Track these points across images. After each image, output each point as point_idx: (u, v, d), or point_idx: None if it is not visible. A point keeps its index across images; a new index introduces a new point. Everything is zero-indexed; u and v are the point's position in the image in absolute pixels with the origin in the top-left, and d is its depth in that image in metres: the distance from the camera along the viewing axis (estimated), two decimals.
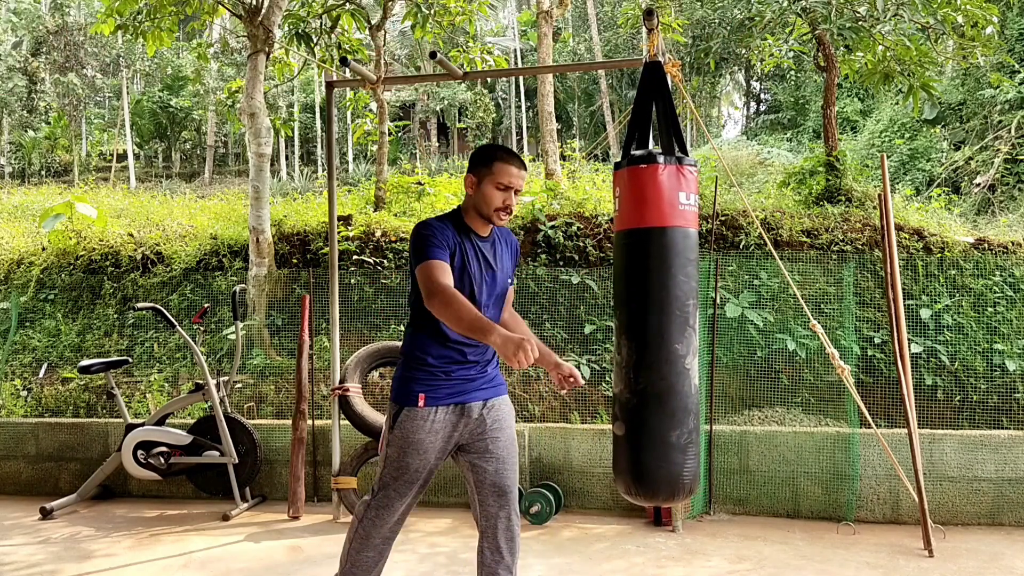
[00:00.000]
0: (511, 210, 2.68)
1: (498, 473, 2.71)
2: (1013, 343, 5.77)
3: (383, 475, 2.73)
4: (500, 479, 2.71)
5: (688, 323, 2.93)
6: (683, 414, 2.92)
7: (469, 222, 2.71)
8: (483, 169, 2.67)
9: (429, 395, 2.64)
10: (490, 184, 2.65)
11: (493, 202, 2.65)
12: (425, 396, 2.64)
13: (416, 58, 27.34)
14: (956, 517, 4.61)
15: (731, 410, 5.54)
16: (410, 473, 2.67)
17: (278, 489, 5.30)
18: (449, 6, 8.34)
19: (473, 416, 2.70)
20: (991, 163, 13.30)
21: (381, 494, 2.73)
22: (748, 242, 6.41)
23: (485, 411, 2.73)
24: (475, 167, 2.70)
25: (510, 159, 2.68)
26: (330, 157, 5.06)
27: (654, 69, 3.13)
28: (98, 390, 6.52)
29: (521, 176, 2.68)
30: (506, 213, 2.67)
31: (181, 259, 7.28)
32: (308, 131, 30.98)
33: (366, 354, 5.09)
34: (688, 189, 2.94)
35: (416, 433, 2.63)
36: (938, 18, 6.74)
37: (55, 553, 4.32)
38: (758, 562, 4.02)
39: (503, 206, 2.65)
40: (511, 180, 2.65)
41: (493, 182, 2.64)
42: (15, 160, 29.66)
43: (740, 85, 29.29)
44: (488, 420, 2.72)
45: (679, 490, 2.93)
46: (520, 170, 2.68)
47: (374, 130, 9.42)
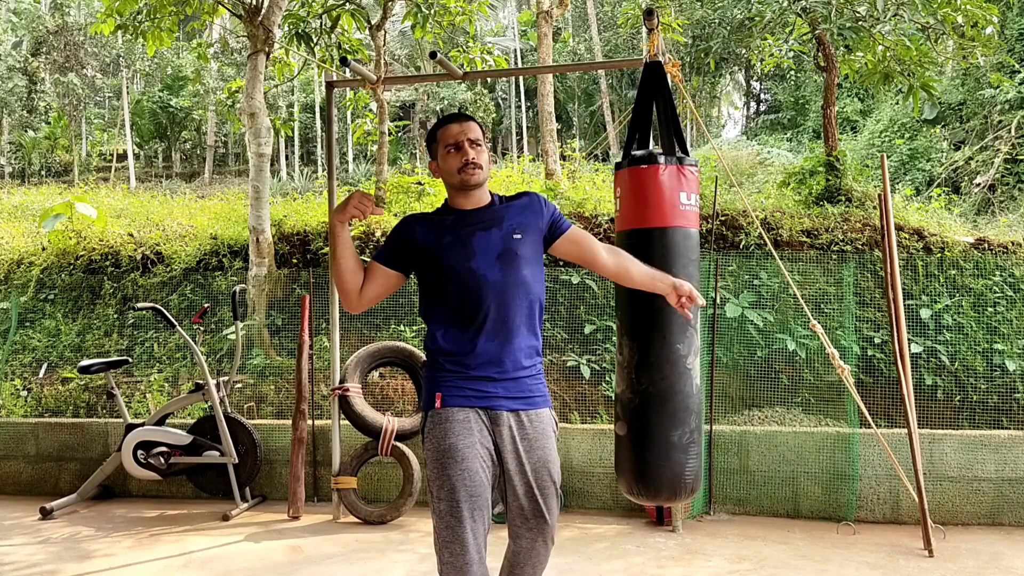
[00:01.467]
0: (473, 162, 2.42)
1: (527, 496, 2.42)
2: (1013, 343, 5.77)
3: (432, 503, 2.37)
4: (529, 503, 2.42)
5: (689, 323, 2.93)
6: (685, 414, 2.93)
7: (453, 204, 2.51)
8: (433, 147, 2.53)
9: (446, 395, 2.39)
10: (441, 154, 2.47)
11: (452, 166, 2.44)
12: (442, 396, 2.40)
13: (416, 58, 27.34)
14: (956, 517, 4.61)
15: (731, 410, 5.54)
16: (456, 490, 2.31)
17: (278, 489, 5.30)
18: (449, 6, 8.33)
19: (502, 426, 2.40)
20: (991, 163, 13.30)
21: (441, 527, 2.33)
22: (748, 242, 6.40)
23: (515, 423, 2.42)
24: (430, 153, 2.56)
25: (448, 121, 2.51)
26: (330, 157, 5.06)
27: (654, 69, 3.13)
28: (98, 390, 6.52)
29: (465, 129, 2.45)
30: (472, 168, 2.42)
31: (181, 259, 7.28)
32: (308, 131, 30.97)
33: (366, 354, 5.09)
34: (689, 189, 2.95)
35: (446, 438, 2.35)
36: (938, 18, 6.74)
37: (55, 553, 4.32)
38: (758, 562, 4.02)
39: (462, 164, 2.42)
40: (453, 136, 2.44)
41: (442, 150, 2.46)
42: (15, 160, 29.65)
43: (740, 85, 29.29)
44: (519, 435, 2.41)
45: (681, 489, 2.94)
46: (461, 124, 2.47)
47: (374, 130, 9.42)
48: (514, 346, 2.42)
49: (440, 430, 2.37)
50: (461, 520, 2.30)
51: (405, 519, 4.81)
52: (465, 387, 2.40)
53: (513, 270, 2.41)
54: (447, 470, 2.33)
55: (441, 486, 2.34)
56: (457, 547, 2.31)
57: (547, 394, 2.54)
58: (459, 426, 2.36)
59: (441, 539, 2.34)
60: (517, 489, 2.41)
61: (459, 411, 2.38)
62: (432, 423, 2.40)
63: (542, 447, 2.45)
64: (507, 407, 2.41)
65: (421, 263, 2.47)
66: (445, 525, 2.33)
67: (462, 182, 2.43)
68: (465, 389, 2.40)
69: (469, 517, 2.31)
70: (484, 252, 2.40)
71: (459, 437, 2.35)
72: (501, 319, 2.40)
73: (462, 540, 2.30)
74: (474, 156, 2.41)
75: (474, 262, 2.39)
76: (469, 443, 2.35)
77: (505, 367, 2.41)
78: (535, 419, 2.45)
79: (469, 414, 2.38)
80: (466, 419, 2.37)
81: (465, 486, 2.32)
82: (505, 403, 2.41)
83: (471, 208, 2.48)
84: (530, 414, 2.44)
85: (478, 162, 2.42)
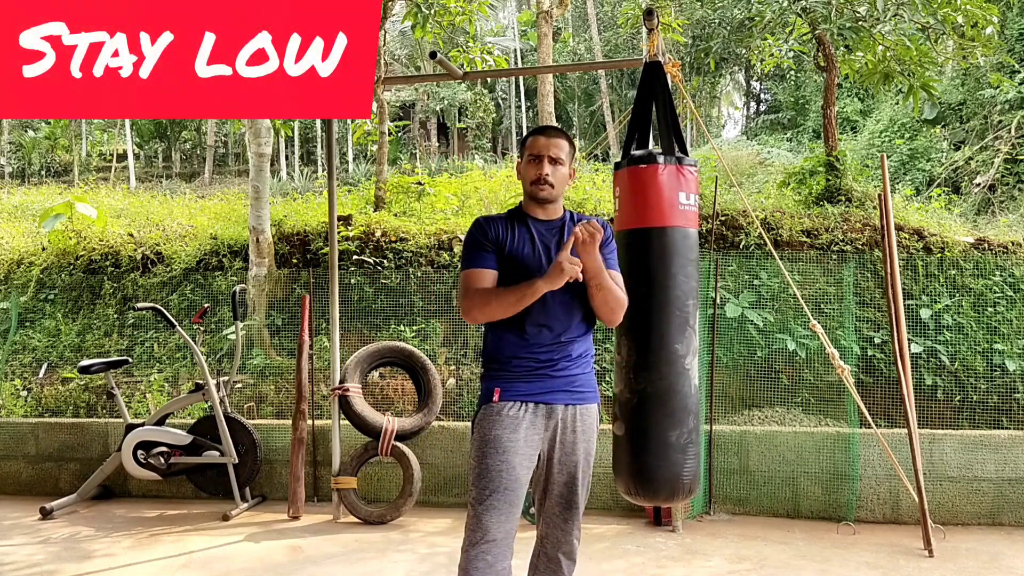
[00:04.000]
0: (546, 179, 2.55)
1: (568, 486, 2.56)
2: (1013, 343, 5.77)
3: (470, 490, 2.51)
4: (570, 493, 2.57)
5: (688, 323, 2.93)
6: (683, 414, 2.93)
7: (526, 209, 2.65)
8: (522, 150, 2.65)
9: (505, 389, 2.51)
10: (526, 161, 2.61)
11: (528, 176, 2.58)
12: (500, 391, 2.51)
13: (416, 58, 27.33)
14: (956, 517, 4.60)
15: (731, 410, 5.54)
16: (494, 480, 2.44)
17: (278, 489, 5.30)
18: (449, 6, 8.33)
19: (556, 418, 2.53)
20: (991, 163, 13.30)
21: (472, 516, 2.47)
22: (748, 242, 6.40)
23: (569, 416, 2.54)
24: (520, 154, 2.68)
25: (540, 131, 2.63)
26: (330, 157, 5.06)
27: (654, 69, 3.13)
28: (98, 390, 6.52)
29: (551, 144, 2.57)
30: (543, 183, 2.56)
31: (181, 259, 7.28)
32: (308, 131, 30.96)
33: (366, 354, 5.09)
34: (688, 189, 2.95)
35: (492, 429, 2.48)
36: (938, 18, 6.74)
37: (55, 553, 4.32)
38: (758, 562, 4.02)
39: (536, 177, 2.56)
40: (538, 149, 2.57)
41: (526, 158, 2.61)
42: (15, 160, 29.65)
43: (740, 85, 29.28)
44: (569, 427, 2.54)
45: (679, 490, 2.94)
46: (549, 138, 2.59)
47: (374, 130, 9.42)
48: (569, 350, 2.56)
49: (489, 421, 2.50)
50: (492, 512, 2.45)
51: (405, 519, 4.81)
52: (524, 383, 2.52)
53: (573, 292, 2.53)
54: (487, 459, 2.47)
55: (479, 474, 2.47)
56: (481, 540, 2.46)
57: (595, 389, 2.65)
58: (513, 421, 2.49)
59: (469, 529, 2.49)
60: (560, 479, 2.55)
61: (517, 405, 2.50)
62: (484, 415, 2.52)
63: (589, 440, 2.60)
64: (563, 400, 2.54)
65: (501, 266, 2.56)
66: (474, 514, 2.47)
67: (532, 194, 2.59)
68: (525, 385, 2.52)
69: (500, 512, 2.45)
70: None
71: (506, 430, 2.48)
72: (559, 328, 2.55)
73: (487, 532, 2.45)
74: (548, 173, 2.55)
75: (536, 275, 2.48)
76: (515, 439, 2.48)
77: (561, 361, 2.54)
78: (587, 413, 2.59)
79: (527, 412, 2.51)
80: (521, 415, 2.50)
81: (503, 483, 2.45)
82: (561, 396, 2.53)
83: (545, 219, 2.62)
84: (583, 408, 2.58)
85: (551, 180, 2.55)
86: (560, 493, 2.57)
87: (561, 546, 2.61)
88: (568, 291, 2.50)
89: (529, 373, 2.52)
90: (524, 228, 2.59)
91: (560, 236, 2.59)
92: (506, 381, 2.52)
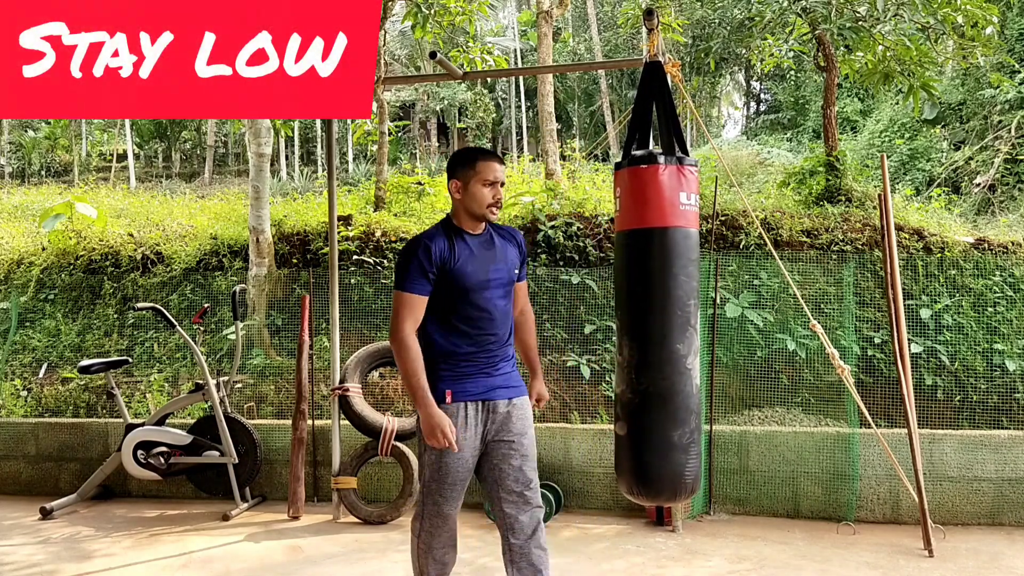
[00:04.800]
0: (500, 204, 2.81)
1: (522, 470, 2.80)
2: (1013, 343, 5.77)
3: (425, 483, 2.81)
4: (524, 476, 2.80)
5: (689, 323, 2.93)
6: (685, 414, 2.92)
7: (460, 224, 2.82)
8: (467, 171, 2.78)
9: (456, 391, 2.75)
10: (477, 183, 2.76)
11: (484, 199, 2.77)
12: (452, 392, 2.75)
13: (416, 58, 27.32)
14: (956, 517, 4.60)
15: (731, 410, 5.54)
16: (451, 474, 2.76)
17: (278, 489, 5.30)
18: (449, 6, 8.33)
19: (499, 412, 2.80)
20: (991, 163, 13.30)
21: (429, 502, 2.81)
22: (748, 242, 6.41)
23: (511, 408, 2.82)
24: (457, 171, 2.81)
25: (491, 157, 2.82)
26: (330, 157, 5.06)
27: (654, 69, 3.13)
28: (98, 390, 6.52)
29: (503, 171, 2.83)
30: (497, 207, 2.80)
31: (181, 259, 7.28)
32: (308, 131, 30.95)
33: (366, 354, 5.08)
34: (689, 189, 2.94)
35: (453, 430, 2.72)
36: (938, 18, 6.74)
37: (55, 553, 4.32)
38: (758, 562, 4.02)
39: (493, 201, 2.78)
40: (496, 175, 2.78)
41: (480, 180, 2.76)
42: (15, 160, 29.64)
43: (740, 85, 29.28)
44: (514, 418, 2.81)
45: (681, 489, 2.94)
46: (502, 165, 2.83)
47: (374, 130, 9.42)
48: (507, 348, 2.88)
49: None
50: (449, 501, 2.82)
51: (405, 519, 4.80)
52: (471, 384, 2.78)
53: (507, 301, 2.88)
54: (445, 458, 2.75)
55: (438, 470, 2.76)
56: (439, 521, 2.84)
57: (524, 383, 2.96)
58: (467, 421, 2.76)
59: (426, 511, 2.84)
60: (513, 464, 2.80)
61: (467, 406, 2.77)
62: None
63: (531, 426, 2.90)
64: (504, 395, 2.82)
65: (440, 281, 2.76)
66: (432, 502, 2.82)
67: (484, 216, 2.80)
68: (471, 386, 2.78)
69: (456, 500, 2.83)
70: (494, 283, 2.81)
71: (461, 430, 2.74)
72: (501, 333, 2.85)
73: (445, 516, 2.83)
74: (501, 198, 2.81)
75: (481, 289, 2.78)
76: (468, 438, 2.76)
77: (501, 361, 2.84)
78: (524, 403, 2.89)
79: (476, 411, 2.78)
80: (472, 415, 2.77)
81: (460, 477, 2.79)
82: (503, 392, 2.82)
83: (477, 233, 2.84)
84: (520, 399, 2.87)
85: (501, 204, 2.83)
86: (516, 478, 2.79)
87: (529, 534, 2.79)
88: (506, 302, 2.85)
89: (476, 374, 2.78)
90: (463, 243, 2.79)
91: (492, 247, 2.84)
92: (456, 383, 2.76)
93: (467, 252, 2.77)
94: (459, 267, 2.74)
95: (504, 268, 2.85)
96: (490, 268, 2.80)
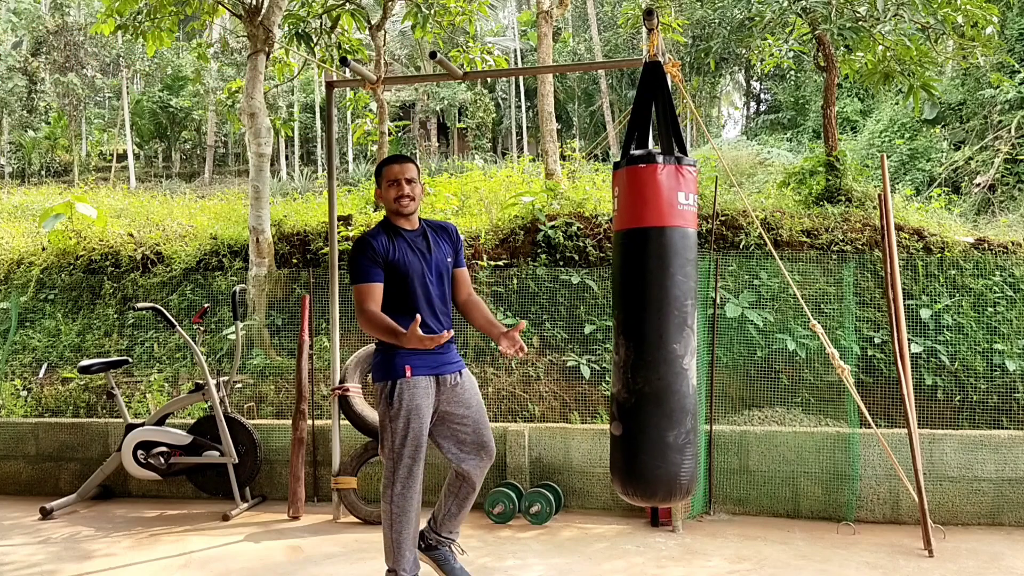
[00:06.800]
0: (408, 196, 3.26)
1: (477, 432, 3.32)
2: (1013, 343, 5.77)
3: (395, 450, 3.19)
4: (480, 436, 3.33)
5: (686, 323, 2.93)
6: (681, 414, 2.92)
7: (395, 222, 3.32)
8: (378, 179, 3.35)
9: (414, 366, 3.19)
10: (384, 186, 3.30)
11: (390, 196, 3.28)
12: (411, 367, 3.19)
13: (416, 58, 27.33)
14: (956, 517, 4.60)
15: (731, 410, 5.53)
16: (418, 438, 3.17)
17: (278, 489, 5.30)
18: (449, 6, 8.33)
19: (447, 386, 3.27)
20: (991, 163, 13.30)
21: (402, 466, 3.19)
22: (748, 242, 6.40)
23: (455, 380, 3.30)
24: (376, 181, 3.37)
25: (392, 161, 3.31)
26: (330, 157, 5.06)
27: (654, 69, 3.13)
28: (98, 390, 6.52)
29: (404, 169, 3.27)
30: (406, 199, 3.25)
31: (181, 259, 7.28)
32: (308, 131, 30.96)
33: (366, 354, 5.08)
34: (687, 189, 2.94)
35: (415, 399, 3.17)
36: (938, 18, 6.74)
37: (55, 553, 4.32)
38: (758, 562, 4.02)
39: (398, 195, 3.25)
40: (393, 175, 3.27)
41: (385, 183, 3.30)
42: (15, 160, 29.63)
43: (740, 85, 29.28)
44: (459, 389, 3.30)
45: (676, 490, 2.93)
46: (400, 164, 3.29)
47: (374, 130, 9.42)
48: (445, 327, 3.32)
49: (411, 393, 3.17)
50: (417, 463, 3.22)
51: None
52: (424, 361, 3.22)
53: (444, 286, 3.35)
54: (411, 424, 3.17)
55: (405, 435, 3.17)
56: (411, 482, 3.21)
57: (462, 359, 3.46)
58: (426, 391, 3.21)
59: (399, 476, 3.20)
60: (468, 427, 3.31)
61: (423, 380, 3.22)
62: (404, 388, 3.17)
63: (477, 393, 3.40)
64: (450, 371, 3.30)
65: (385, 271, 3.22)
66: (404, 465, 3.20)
67: (398, 210, 3.28)
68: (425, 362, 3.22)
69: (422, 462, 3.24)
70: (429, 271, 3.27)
71: (424, 399, 3.20)
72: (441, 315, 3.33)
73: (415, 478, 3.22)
74: (407, 193, 3.26)
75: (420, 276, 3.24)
76: (426, 407, 3.21)
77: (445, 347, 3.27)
78: (467, 376, 3.38)
79: (428, 384, 3.23)
80: (427, 387, 3.22)
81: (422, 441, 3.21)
82: (449, 367, 3.30)
83: (409, 228, 3.32)
84: (464, 372, 3.37)
85: (411, 195, 3.27)
86: (473, 440, 3.32)
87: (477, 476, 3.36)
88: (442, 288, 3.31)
89: (426, 353, 3.18)
90: (400, 239, 3.26)
91: (425, 240, 3.31)
92: (412, 358, 3.18)
93: (404, 245, 3.25)
94: (398, 259, 3.21)
95: (439, 257, 3.31)
96: (424, 258, 3.26)
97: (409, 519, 3.22)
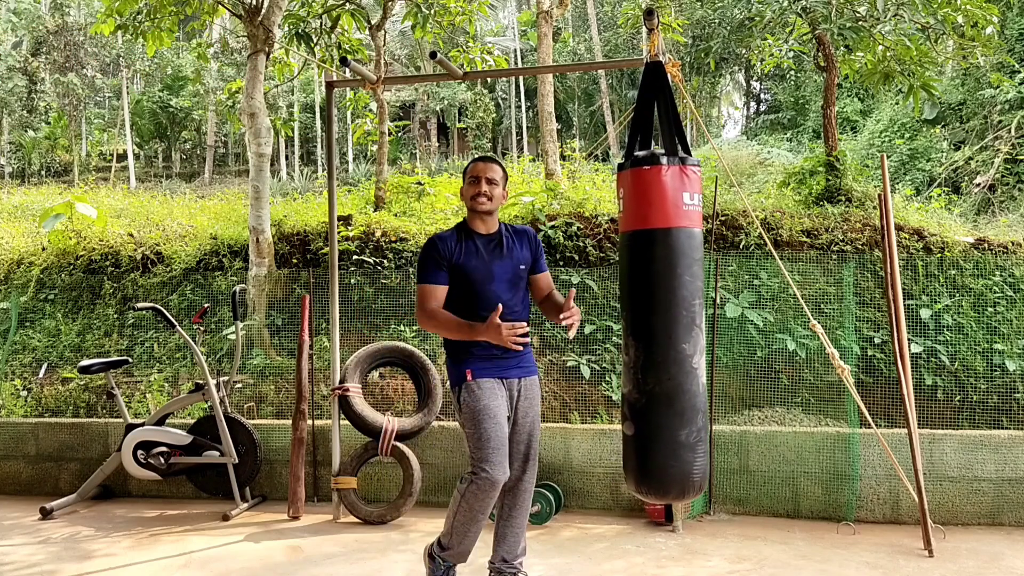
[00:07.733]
0: (485, 195, 3.23)
1: (527, 444, 3.30)
2: (1013, 343, 5.77)
3: (472, 453, 3.16)
4: (528, 449, 3.30)
5: (694, 322, 2.93)
6: (692, 413, 2.93)
7: (471, 225, 3.30)
8: (464, 176, 3.34)
9: (475, 370, 3.20)
10: (466, 183, 3.31)
11: (468, 194, 3.27)
12: (472, 371, 3.20)
13: (416, 58, 27.33)
14: (956, 517, 4.60)
15: (731, 410, 5.53)
16: (493, 439, 3.12)
17: (278, 489, 5.30)
18: (449, 6, 8.33)
19: (513, 390, 3.27)
20: (991, 163, 13.31)
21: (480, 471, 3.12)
22: (748, 242, 6.40)
23: (521, 387, 3.29)
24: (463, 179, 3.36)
25: (477, 160, 3.31)
26: (330, 157, 5.05)
27: (655, 69, 3.13)
28: (98, 390, 6.52)
29: (488, 168, 3.26)
30: (482, 198, 3.23)
31: (181, 259, 7.27)
32: (308, 131, 30.95)
33: (366, 354, 5.08)
34: (692, 189, 2.94)
35: (480, 400, 3.15)
36: (938, 18, 6.74)
37: (55, 553, 4.32)
38: (758, 562, 4.02)
39: (476, 193, 3.23)
40: (476, 172, 3.26)
41: (466, 180, 3.30)
42: (15, 160, 29.64)
43: (740, 85, 29.28)
44: (523, 395, 3.29)
45: (690, 487, 2.95)
46: (486, 164, 3.28)
47: (374, 130, 9.42)
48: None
49: (474, 395, 3.17)
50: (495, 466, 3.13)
51: (405, 519, 4.80)
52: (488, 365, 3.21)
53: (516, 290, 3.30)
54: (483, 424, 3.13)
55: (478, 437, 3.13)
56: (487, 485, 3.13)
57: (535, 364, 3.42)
58: (491, 392, 3.18)
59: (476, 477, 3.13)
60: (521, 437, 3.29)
61: (487, 381, 3.20)
62: (467, 391, 3.19)
63: (538, 403, 3.37)
64: (515, 375, 3.28)
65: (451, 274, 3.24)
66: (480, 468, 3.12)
67: (472, 208, 3.26)
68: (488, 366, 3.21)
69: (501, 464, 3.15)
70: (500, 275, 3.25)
71: (491, 400, 3.16)
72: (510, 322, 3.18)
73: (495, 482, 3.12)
74: (483, 191, 3.23)
75: (485, 281, 3.22)
76: (498, 405, 3.18)
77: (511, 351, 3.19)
78: (533, 383, 3.36)
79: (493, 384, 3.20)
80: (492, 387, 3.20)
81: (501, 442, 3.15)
82: (514, 371, 3.27)
83: (483, 232, 3.29)
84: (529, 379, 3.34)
85: (488, 195, 3.24)
86: (518, 451, 3.28)
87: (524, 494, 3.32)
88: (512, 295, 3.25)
89: (490, 358, 3.20)
90: (470, 242, 3.25)
91: (499, 246, 3.28)
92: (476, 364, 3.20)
93: (472, 249, 3.23)
94: (463, 262, 3.20)
95: (510, 264, 3.27)
96: (494, 264, 3.23)
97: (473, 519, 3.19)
